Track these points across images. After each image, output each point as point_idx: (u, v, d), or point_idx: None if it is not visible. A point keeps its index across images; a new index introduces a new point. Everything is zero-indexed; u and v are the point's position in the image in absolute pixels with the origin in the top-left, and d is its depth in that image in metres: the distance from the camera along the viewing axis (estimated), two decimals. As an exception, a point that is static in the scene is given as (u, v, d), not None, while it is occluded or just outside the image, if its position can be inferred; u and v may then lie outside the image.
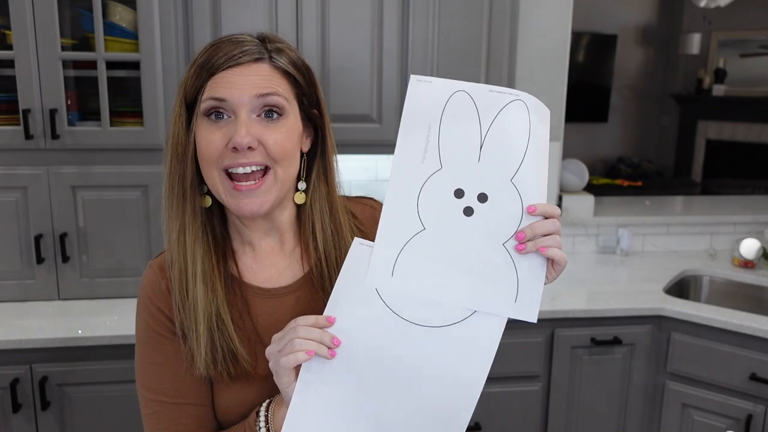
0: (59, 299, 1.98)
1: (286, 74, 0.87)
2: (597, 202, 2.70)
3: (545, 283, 0.81)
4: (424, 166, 0.79)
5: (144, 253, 1.98)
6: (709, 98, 6.59)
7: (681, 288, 2.43)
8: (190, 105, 0.88)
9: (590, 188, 2.77)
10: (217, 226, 0.93)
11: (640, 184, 5.63)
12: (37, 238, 1.92)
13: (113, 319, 1.85)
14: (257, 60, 0.85)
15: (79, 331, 1.77)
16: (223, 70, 0.84)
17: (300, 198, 0.94)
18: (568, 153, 2.67)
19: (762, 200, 3.15)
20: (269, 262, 0.96)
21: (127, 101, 2.03)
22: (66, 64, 1.87)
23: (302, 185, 0.94)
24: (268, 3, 1.96)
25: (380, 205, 1.02)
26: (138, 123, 1.92)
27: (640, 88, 7.02)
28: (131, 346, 1.80)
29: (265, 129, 0.85)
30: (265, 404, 0.89)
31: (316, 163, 0.95)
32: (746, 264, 2.48)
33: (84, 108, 2.02)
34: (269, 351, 0.84)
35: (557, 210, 0.81)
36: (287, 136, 0.87)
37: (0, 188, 1.90)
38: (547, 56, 2.45)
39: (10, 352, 1.74)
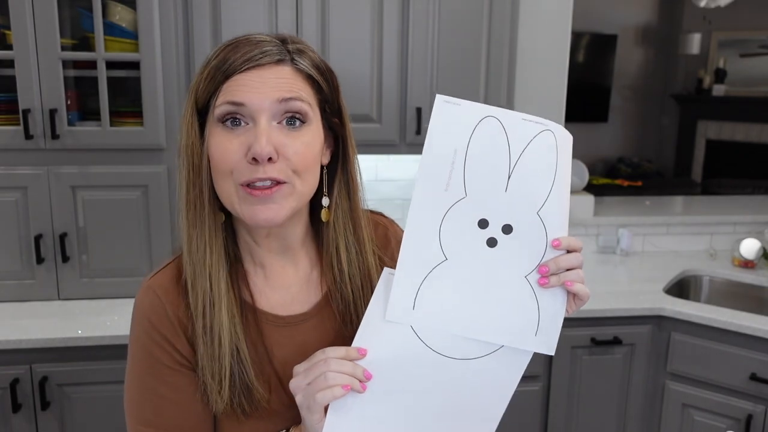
0: (59, 299, 1.98)
1: (309, 78, 0.80)
2: (597, 202, 2.70)
3: (564, 317, 0.80)
4: (447, 193, 0.76)
5: (144, 253, 1.98)
6: (709, 98, 6.59)
7: (681, 288, 2.43)
8: (202, 110, 0.81)
9: (590, 188, 2.77)
10: (230, 246, 0.86)
11: (640, 184, 5.63)
12: (37, 238, 1.92)
13: (113, 319, 1.85)
14: (279, 62, 0.78)
15: (79, 331, 1.77)
16: (241, 72, 0.77)
17: (325, 215, 0.87)
18: (568, 153, 2.67)
19: (762, 200, 3.14)
20: (280, 284, 0.89)
21: (127, 101, 2.03)
22: (66, 64, 1.87)
23: (326, 201, 0.87)
24: (268, 3, 1.96)
25: (391, 222, 0.98)
26: (138, 123, 1.92)
27: (640, 88, 7.02)
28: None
29: (286, 137, 0.78)
30: None
31: (337, 176, 0.88)
32: (746, 264, 2.48)
33: (84, 108, 2.02)
34: (296, 384, 0.78)
35: (580, 243, 0.78)
36: (309, 146, 0.80)
37: (0, 188, 1.90)
38: (547, 56, 2.44)
39: (10, 352, 1.74)
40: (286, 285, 0.89)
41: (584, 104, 6.34)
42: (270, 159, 0.76)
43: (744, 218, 2.71)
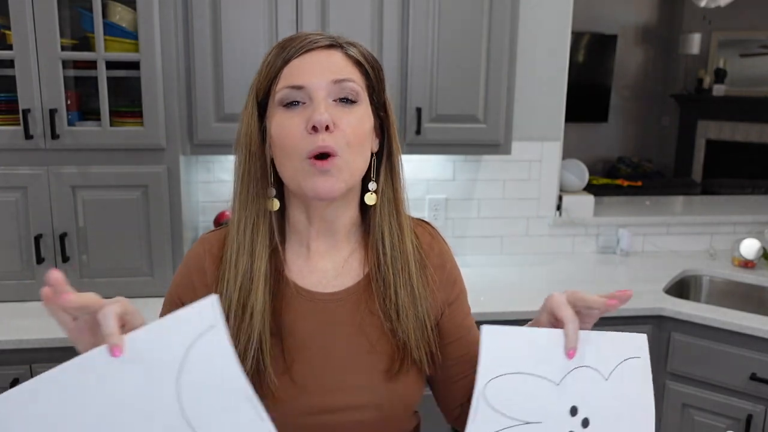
0: (59, 299, 1.98)
1: (358, 64, 0.89)
2: (597, 202, 2.69)
3: None
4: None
5: (144, 253, 1.98)
6: (709, 98, 6.60)
7: (681, 288, 2.43)
8: (262, 101, 0.89)
9: (590, 188, 2.77)
10: (278, 229, 0.93)
11: (640, 184, 5.64)
12: (37, 238, 1.92)
13: (113, 319, 1.84)
14: (330, 46, 0.87)
15: (79, 331, 1.76)
16: (298, 56, 0.85)
17: (370, 199, 0.93)
18: (568, 153, 2.67)
19: (762, 200, 3.14)
20: (320, 267, 0.95)
21: (127, 101, 2.03)
22: (66, 64, 1.87)
23: (373, 186, 0.93)
24: (268, 3, 1.96)
25: (436, 233, 1.03)
26: (138, 123, 1.92)
27: (640, 88, 7.02)
28: (131, 346, 1.78)
29: (341, 112, 0.85)
30: None
31: (383, 165, 0.94)
32: (746, 264, 2.48)
33: (84, 108, 2.02)
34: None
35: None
36: (361, 121, 0.87)
37: (0, 188, 1.90)
38: (547, 56, 2.45)
39: (10, 352, 1.74)
40: (324, 269, 0.95)
41: (584, 104, 6.35)
42: (327, 128, 0.83)
43: (744, 218, 2.71)
